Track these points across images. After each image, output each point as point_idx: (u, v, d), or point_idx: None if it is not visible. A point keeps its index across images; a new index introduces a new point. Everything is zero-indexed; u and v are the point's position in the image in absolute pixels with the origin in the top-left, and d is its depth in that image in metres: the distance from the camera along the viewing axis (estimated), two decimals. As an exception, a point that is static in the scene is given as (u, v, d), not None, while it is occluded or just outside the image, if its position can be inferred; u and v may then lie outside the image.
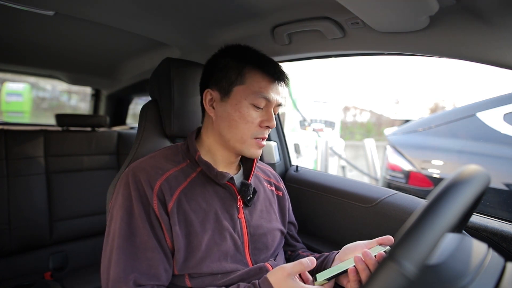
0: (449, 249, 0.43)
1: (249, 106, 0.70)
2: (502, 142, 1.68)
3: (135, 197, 0.64)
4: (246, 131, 0.70)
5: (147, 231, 0.62)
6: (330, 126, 5.33)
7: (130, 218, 0.63)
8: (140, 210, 0.63)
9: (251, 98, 0.69)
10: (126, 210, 0.63)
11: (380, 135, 8.39)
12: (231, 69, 0.71)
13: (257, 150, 0.73)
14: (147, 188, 0.64)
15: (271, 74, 0.71)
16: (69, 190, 1.69)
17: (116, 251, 0.61)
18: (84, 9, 0.95)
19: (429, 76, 12.90)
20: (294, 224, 0.94)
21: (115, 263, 0.60)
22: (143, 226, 0.62)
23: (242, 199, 0.73)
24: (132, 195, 0.64)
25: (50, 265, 1.58)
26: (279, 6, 0.85)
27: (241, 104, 0.69)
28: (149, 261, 0.61)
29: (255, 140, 0.71)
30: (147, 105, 0.92)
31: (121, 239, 0.61)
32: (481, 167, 0.43)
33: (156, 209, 0.63)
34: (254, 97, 0.69)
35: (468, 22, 0.61)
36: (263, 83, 0.70)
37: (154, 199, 0.64)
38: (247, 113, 0.69)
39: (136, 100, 2.77)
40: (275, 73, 0.71)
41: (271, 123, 0.71)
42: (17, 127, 1.74)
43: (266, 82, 0.70)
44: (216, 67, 0.74)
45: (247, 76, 0.70)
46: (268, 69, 0.71)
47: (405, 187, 2.08)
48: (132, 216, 0.63)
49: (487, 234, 0.78)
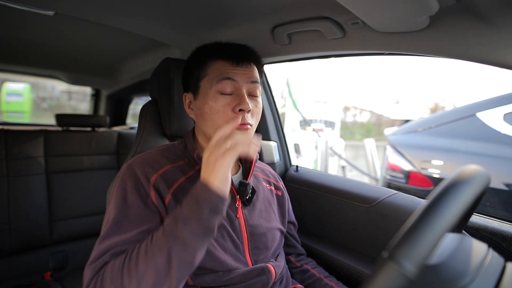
0: (449, 249, 0.43)
1: (216, 95, 0.68)
2: (502, 142, 1.68)
3: (132, 188, 0.63)
4: (219, 120, 0.67)
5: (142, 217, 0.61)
6: (330, 126, 5.33)
7: (124, 205, 0.62)
8: (136, 197, 0.62)
9: (215, 86, 0.68)
10: (121, 198, 0.63)
11: (380, 135, 8.39)
12: (195, 67, 0.73)
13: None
14: (144, 180, 0.64)
15: (230, 57, 0.70)
16: (69, 190, 1.69)
17: (103, 235, 0.60)
18: (84, 9, 0.95)
19: (429, 76, 12.89)
20: (294, 224, 0.94)
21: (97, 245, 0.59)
22: (139, 212, 0.61)
23: (241, 199, 0.73)
24: (128, 186, 0.64)
25: (50, 265, 1.58)
26: (279, 6, 0.85)
27: (208, 95, 0.69)
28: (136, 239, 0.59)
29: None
30: (147, 105, 0.92)
31: (112, 224, 0.60)
32: (481, 167, 0.43)
33: (154, 198, 0.63)
34: (217, 83, 0.68)
35: (468, 22, 0.60)
36: (223, 68, 0.69)
37: (151, 189, 0.63)
38: (215, 102, 0.68)
39: (136, 100, 2.77)
40: (234, 55, 0.70)
41: (243, 105, 0.66)
42: (17, 127, 1.74)
43: (227, 66, 0.69)
44: (185, 71, 0.78)
45: (208, 66, 0.71)
46: (226, 53, 0.70)
47: (405, 187, 2.08)
48: (126, 203, 0.62)
49: (487, 234, 0.78)
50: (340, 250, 1.02)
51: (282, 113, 5.28)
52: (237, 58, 0.70)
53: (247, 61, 0.71)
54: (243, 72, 0.70)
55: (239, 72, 0.69)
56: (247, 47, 0.75)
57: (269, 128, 1.30)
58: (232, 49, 0.72)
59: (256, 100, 0.72)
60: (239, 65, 0.70)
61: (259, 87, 0.73)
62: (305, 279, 0.88)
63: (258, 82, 0.72)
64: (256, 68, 0.74)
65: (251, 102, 0.71)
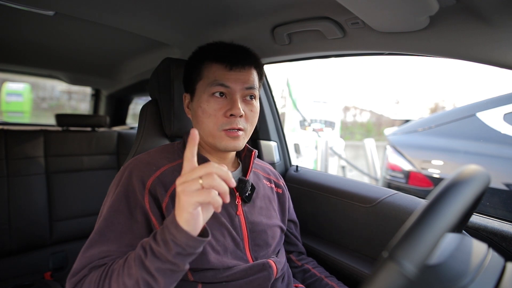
0: (449, 249, 0.43)
1: (209, 99, 0.69)
2: (502, 142, 1.68)
3: (122, 194, 0.64)
4: (211, 124, 0.68)
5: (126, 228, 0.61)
6: (330, 126, 5.33)
7: (110, 213, 0.62)
8: (124, 206, 0.62)
9: (208, 90, 0.69)
10: (110, 206, 0.63)
11: (380, 135, 8.39)
12: (193, 68, 0.74)
13: (229, 142, 0.69)
14: (138, 184, 0.64)
15: (225, 61, 0.69)
16: (69, 190, 1.69)
17: (87, 244, 0.60)
18: (84, 9, 0.95)
19: (429, 76, 12.89)
20: (295, 222, 0.94)
21: (80, 255, 0.60)
22: (124, 223, 0.61)
23: (240, 196, 0.73)
24: (119, 192, 0.64)
25: (50, 265, 1.58)
26: (279, 6, 0.85)
27: (201, 98, 0.70)
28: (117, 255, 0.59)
29: (224, 132, 0.68)
30: (147, 105, 0.92)
31: (96, 234, 0.61)
32: (481, 167, 0.43)
33: (147, 204, 0.63)
34: (210, 87, 0.69)
35: (468, 22, 0.60)
36: (217, 72, 0.69)
37: (146, 195, 0.63)
38: (208, 106, 0.68)
39: (136, 100, 2.77)
40: (230, 60, 0.69)
41: (235, 110, 0.67)
42: (17, 127, 1.74)
43: (222, 70, 0.69)
44: (185, 71, 0.78)
45: (204, 69, 0.71)
46: (222, 57, 0.70)
47: (405, 187, 2.08)
48: (112, 211, 0.62)
49: (487, 234, 0.78)
50: (340, 250, 1.02)
51: (282, 113, 5.28)
52: (232, 62, 0.69)
53: (243, 65, 0.71)
54: (238, 77, 0.70)
55: (234, 77, 0.69)
56: (246, 49, 0.75)
57: (269, 128, 1.30)
58: (229, 52, 0.71)
59: (251, 104, 0.72)
60: (233, 69, 0.69)
61: (255, 92, 0.73)
62: (306, 279, 0.88)
63: (253, 87, 0.72)
64: (254, 71, 0.74)
65: (246, 106, 0.71)
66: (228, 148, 0.70)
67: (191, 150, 0.49)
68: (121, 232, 0.61)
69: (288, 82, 5.20)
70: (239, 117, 0.68)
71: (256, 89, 0.73)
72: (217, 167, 0.46)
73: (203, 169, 0.46)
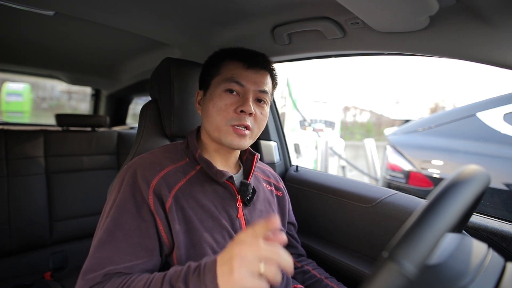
0: (449, 249, 0.43)
1: (222, 94, 0.70)
2: (502, 142, 1.68)
3: (129, 193, 0.63)
4: (220, 118, 0.69)
5: (134, 227, 0.61)
6: (330, 126, 5.34)
7: (118, 212, 0.62)
8: (131, 205, 0.62)
9: (223, 85, 0.70)
10: (117, 205, 0.63)
11: (380, 135, 8.39)
12: (212, 66, 0.75)
13: (235, 139, 0.69)
14: (143, 184, 0.64)
15: (244, 61, 0.72)
16: (69, 190, 1.69)
17: (98, 244, 0.60)
18: (84, 9, 0.95)
19: (429, 76, 12.89)
20: (294, 224, 0.94)
21: (92, 254, 0.59)
22: (132, 222, 0.61)
23: (242, 199, 0.73)
24: (125, 191, 0.64)
25: (50, 265, 1.58)
26: (279, 6, 0.85)
27: (215, 93, 0.71)
28: (128, 257, 0.59)
29: (232, 127, 0.69)
30: (147, 105, 0.92)
31: (105, 233, 0.61)
32: (481, 167, 0.43)
33: (152, 204, 0.63)
34: (225, 83, 0.70)
35: (468, 22, 0.60)
36: (235, 70, 0.71)
37: (150, 195, 0.63)
38: (220, 100, 0.70)
39: (136, 100, 2.77)
40: (249, 60, 0.72)
41: (245, 107, 0.68)
42: (17, 127, 1.74)
43: (240, 69, 0.71)
44: (203, 70, 0.80)
45: (222, 66, 0.73)
46: (242, 57, 0.72)
47: (405, 187, 2.08)
48: (120, 209, 0.62)
49: (487, 234, 0.78)
50: (340, 250, 1.02)
51: (282, 113, 5.28)
52: (250, 62, 0.71)
53: (260, 67, 0.73)
54: (253, 77, 0.71)
55: (249, 77, 0.71)
56: (265, 56, 0.77)
57: (269, 128, 1.30)
58: (248, 53, 0.74)
59: (262, 107, 0.73)
60: (250, 69, 0.71)
61: (267, 97, 0.74)
62: (306, 280, 0.88)
63: (266, 92, 0.73)
64: (269, 77, 0.75)
65: (257, 108, 0.72)
66: (232, 145, 0.70)
67: (263, 230, 0.45)
68: (129, 231, 0.61)
69: (288, 82, 5.20)
70: (248, 114, 0.69)
71: (268, 94, 0.74)
72: (284, 254, 0.43)
73: (269, 249, 0.42)
